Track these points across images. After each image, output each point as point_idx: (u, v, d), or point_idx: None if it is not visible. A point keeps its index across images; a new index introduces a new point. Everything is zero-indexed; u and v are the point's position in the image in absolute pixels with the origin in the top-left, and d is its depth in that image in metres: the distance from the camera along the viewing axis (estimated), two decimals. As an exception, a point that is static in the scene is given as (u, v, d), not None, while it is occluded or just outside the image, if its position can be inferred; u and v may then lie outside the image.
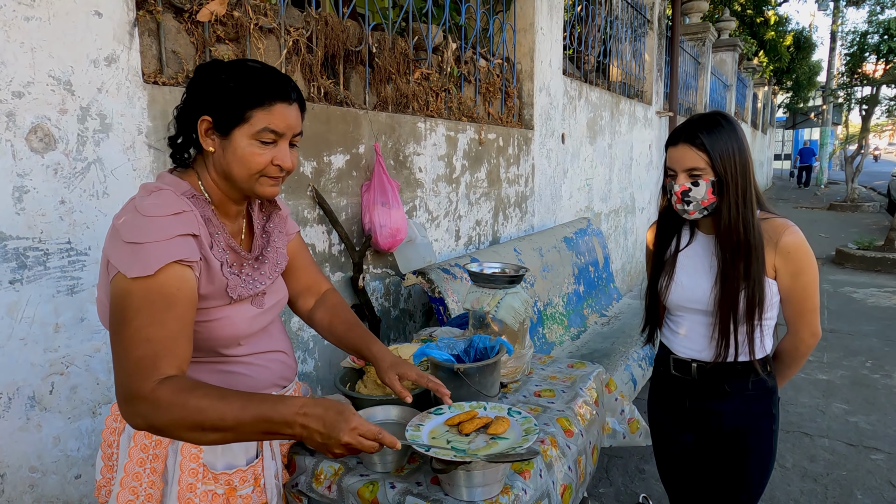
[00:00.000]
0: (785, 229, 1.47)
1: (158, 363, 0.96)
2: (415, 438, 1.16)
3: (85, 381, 1.60)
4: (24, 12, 1.40)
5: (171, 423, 0.94)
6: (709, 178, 1.44)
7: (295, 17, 2.25)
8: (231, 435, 0.96)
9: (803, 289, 1.49)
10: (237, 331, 1.16)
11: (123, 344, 0.97)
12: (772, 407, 1.58)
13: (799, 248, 1.46)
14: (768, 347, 1.57)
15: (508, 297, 1.69)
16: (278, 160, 1.11)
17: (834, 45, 18.46)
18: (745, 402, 1.56)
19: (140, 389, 0.94)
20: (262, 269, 1.22)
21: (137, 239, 1.00)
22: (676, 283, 1.59)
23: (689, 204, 1.47)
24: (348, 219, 2.44)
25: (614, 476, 2.83)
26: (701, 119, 1.46)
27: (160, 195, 1.06)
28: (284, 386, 1.30)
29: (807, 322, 1.53)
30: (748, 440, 1.57)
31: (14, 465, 1.47)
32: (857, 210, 13.66)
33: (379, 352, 1.36)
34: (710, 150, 1.42)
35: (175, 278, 1.01)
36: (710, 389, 1.60)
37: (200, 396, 0.94)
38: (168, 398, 0.93)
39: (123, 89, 1.61)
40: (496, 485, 1.17)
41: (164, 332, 0.98)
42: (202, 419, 0.93)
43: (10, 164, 1.41)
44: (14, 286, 1.44)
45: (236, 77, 1.08)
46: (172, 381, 0.96)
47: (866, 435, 3.22)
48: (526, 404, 1.60)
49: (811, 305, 1.51)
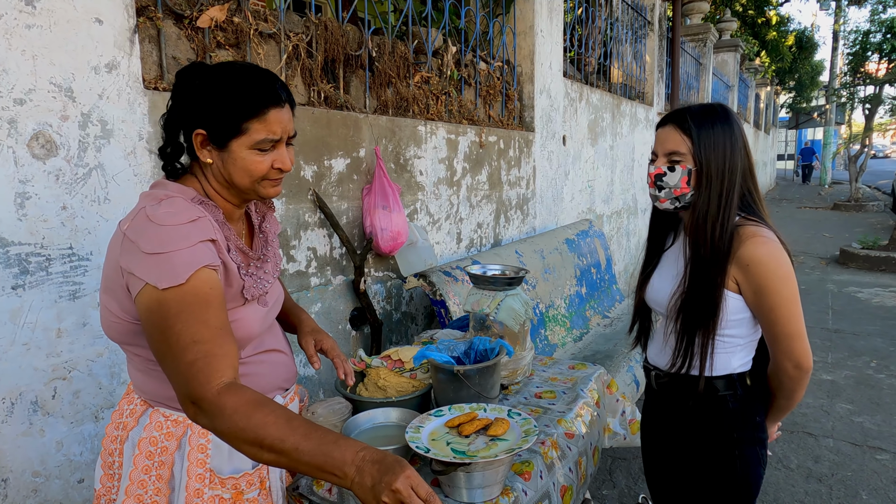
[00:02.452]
0: (749, 238, 1.29)
1: (214, 364, 0.95)
2: (415, 441, 1.16)
3: (87, 385, 1.60)
4: (25, 20, 1.41)
5: (233, 432, 0.92)
6: (686, 166, 1.32)
7: (295, 22, 2.26)
8: (286, 460, 0.92)
9: (770, 310, 1.29)
10: (251, 331, 1.17)
11: (173, 351, 0.96)
12: (735, 430, 1.39)
13: (759, 262, 1.27)
14: (734, 366, 1.39)
15: (508, 299, 1.69)
16: (278, 163, 1.12)
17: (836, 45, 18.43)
18: (700, 420, 1.42)
19: (204, 394, 0.93)
20: (265, 269, 1.22)
21: (160, 249, 0.98)
22: (650, 284, 1.51)
23: (660, 190, 1.36)
24: (349, 222, 2.45)
25: (617, 477, 2.83)
26: (698, 106, 1.37)
27: (172, 203, 1.05)
28: (287, 388, 1.30)
29: (783, 349, 1.32)
30: (705, 460, 1.43)
31: (17, 469, 1.48)
32: (862, 210, 13.61)
33: (304, 320, 1.44)
34: (695, 137, 1.31)
35: (205, 281, 1.00)
36: (667, 400, 1.49)
37: (266, 413, 0.92)
38: (233, 406, 0.92)
39: (124, 95, 1.63)
40: (496, 486, 1.17)
41: (209, 331, 0.97)
42: (263, 435, 0.91)
43: (13, 170, 1.42)
44: (16, 292, 1.45)
45: (224, 86, 1.06)
46: (239, 389, 0.94)
47: (871, 435, 3.21)
48: (527, 406, 1.60)
49: (785, 330, 1.30)
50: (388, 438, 1.32)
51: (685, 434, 1.46)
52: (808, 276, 7.18)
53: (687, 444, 1.46)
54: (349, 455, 0.89)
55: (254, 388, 1.18)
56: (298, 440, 0.90)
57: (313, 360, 1.36)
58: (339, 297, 2.43)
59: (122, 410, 1.18)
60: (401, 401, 1.45)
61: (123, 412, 1.17)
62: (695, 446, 1.44)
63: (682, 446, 1.47)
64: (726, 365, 1.38)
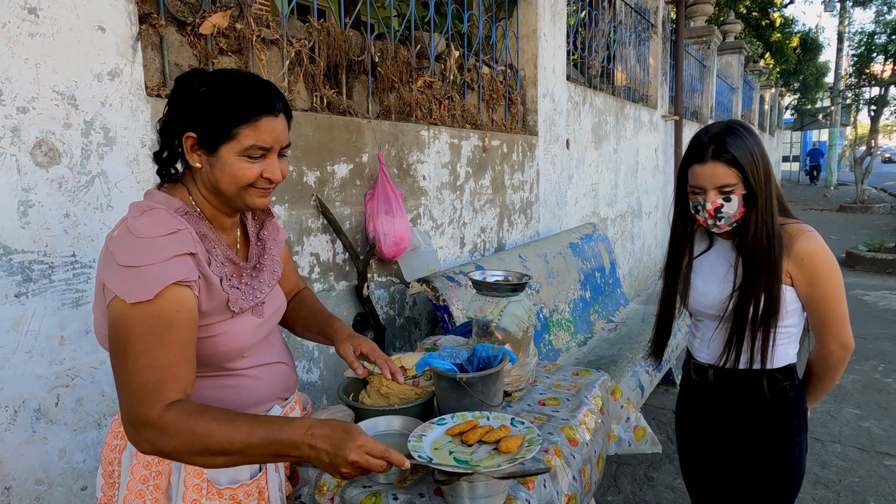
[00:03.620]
0: (798, 235, 1.43)
1: (162, 388, 0.95)
2: (417, 450, 1.16)
3: (90, 393, 1.60)
4: (28, 28, 1.42)
5: (179, 449, 0.93)
6: (740, 193, 1.42)
7: (297, 27, 2.26)
8: (239, 458, 0.95)
9: (822, 297, 1.44)
10: (240, 343, 1.15)
11: (126, 370, 0.96)
12: (794, 418, 1.53)
13: (814, 255, 1.42)
14: (791, 356, 1.53)
15: (512, 305, 1.68)
16: (268, 173, 1.10)
17: (841, 46, 18.37)
18: (764, 412, 1.53)
19: (146, 416, 0.93)
20: (260, 278, 1.21)
21: (133, 262, 0.98)
22: (692, 288, 1.59)
23: (720, 220, 1.45)
24: (352, 228, 2.44)
25: (622, 484, 2.81)
26: (723, 132, 1.43)
27: (153, 214, 1.04)
28: (286, 398, 1.29)
29: (832, 332, 1.46)
30: (766, 450, 1.53)
31: (20, 477, 1.48)
32: (868, 211, 13.55)
33: (339, 328, 1.41)
34: (743, 165, 1.39)
35: (174, 301, 0.99)
36: (727, 396, 1.58)
37: (208, 420, 0.93)
38: (175, 424, 0.92)
39: (127, 103, 1.63)
40: (499, 496, 1.16)
41: (167, 357, 0.97)
42: (210, 443, 0.92)
43: (15, 178, 1.42)
44: (19, 299, 1.45)
45: (219, 91, 1.05)
46: (178, 405, 0.95)
47: (879, 440, 3.18)
48: (530, 413, 1.59)
49: (835, 315, 1.45)
50: (391, 447, 1.31)
51: (744, 427, 1.55)
52: (814, 278, 7.13)
53: (746, 436, 1.55)
54: (297, 436, 0.94)
55: (250, 399, 1.18)
56: (245, 437, 0.93)
57: (355, 366, 1.36)
58: (342, 302, 2.42)
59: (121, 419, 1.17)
60: (403, 409, 1.44)
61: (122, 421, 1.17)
62: (755, 438, 1.54)
63: (739, 440, 1.56)
64: (786, 356, 1.52)
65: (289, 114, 1.14)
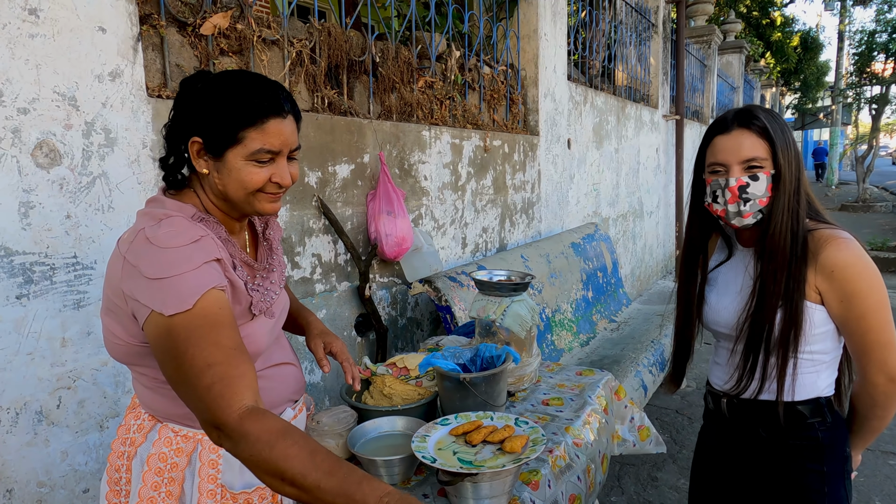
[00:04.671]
0: (828, 242, 1.18)
1: (232, 387, 0.90)
2: (420, 450, 1.15)
3: (92, 395, 1.60)
4: (28, 30, 1.41)
5: (255, 461, 0.88)
6: (769, 172, 1.19)
7: (298, 28, 2.26)
8: (306, 497, 0.87)
9: (861, 318, 1.17)
10: (259, 346, 1.13)
11: (188, 377, 0.92)
12: (825, 464, 1.26)
13: (846, 267, 1.16)
14: (821, 388, 1.26)
15: (514, 305, 1.67)
16: (276, 178, 1.06)
17: (842, 45, 18.34)
18: (787, 452, 1.28)
19: (226, 420, 0.88)
20: (271, 279, 1.19)
21: (164, 274, 0.95)
22: (707, 304, 1.38)
23: (746, 203, 1.20)
24: (354, 228, 2.44)
25: (626, 484, 2.80)
26: (750, 106, 1.24)
27: (172, 223, 1.01)
28: (296, 400, 1.28)
29: (876, 361, 1.18)
30: (788, 499, 1.28)
31: (22, 480, 1.47)
32: (870, 210, 13.53)
33: (313, 322, 1.42)
34: (773, 137, 1.18)
35: (213, 302, 0.96)
36: (742, 430, 1.34)
37: (290, 444, 0.87)
38: (256, 434, 0.87)
39: (128, 104, 1.62)
40: (503, 496, 1.15)
41: (223, 353, 0.93)
42: (284, 468, 0.86)
43: (16, 179, 1.42)
44: (21, 301, 1.45)
45: (224, 93, 1.02)
46: (262, 416, 0.90)
47: (884, 440, 3.17)
48: (534, 413, 1.58)
49: (879, 339, 1.17)
50: (394, 448, 1.30)
51: (761, 467, 1.31)
52: (816, 278, 7.12)
53: (763, 479, 1.31)
54: (372, 499, 0.84)
55: (265, 403, 1.16)
56: (321, 477, 0.85)
57: (323, 363, 1.34)
58: (344, 303, 2.42)
59: (129, 426, 1.15)
60: (406, 409, 1.44)
61: (130, 427, 1.15)
62: (774, 482, 1.29)
63: (756, 482, 1.32)
64: (813, 387, 1.25)
65: (298, 115, 1.10)
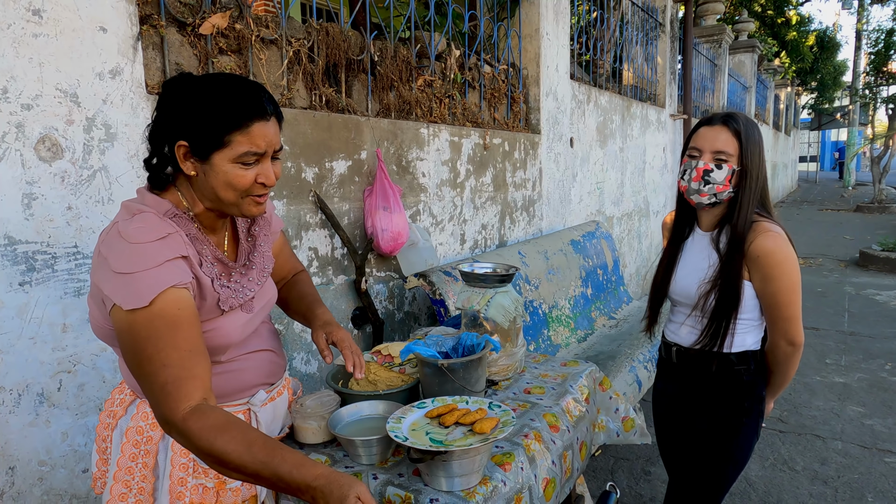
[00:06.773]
0: (760, 233, 1.48)
1: (182, 387, 0.98)
2: (395, 430, 1.20)
3: (92, 378, 1.67)
4: (32, 29, 1.49)
5: (200, 454, 0.98)
6: (732, 166, 1.49)
7: (296, 27, 2.32)
8: (252, 481, 0.98)
9: (772, 296, 1.50)
10: (230, 339, 1.19)
11: (145, 373, 1.00)
12: (745, 401, 1.61)
13: (768, 255, 1.47)
14: (749, 343, 1.60)
15: (499, 296, 1.72)
16: (262, 178, 1.10)
17: (859, 44, 18.10)
18: (723, 391, 1.62)
19: (172, 417, 0.97)
20: (249, 276, 1.23)
21: (127, 269, 1.00)
22: (674, 276, 1.68)
23: (706, 185, 1.50)
24: (350, 223, 2.50)
25: (619, 478, 2.83)
26: (738, 114, 1.54)
27: (143, 219, 1.05)
28: (273, 383, 1.34)
29: (779, 329, 1.54)
30: (715, 428, 1.63)
31: (24, 459, 1.55)
32: (885, 211, 13.34)
33: (319, 314, 1.44)
34: (743, 140, 1.48)
35: (172, 302, 1.01)
36: (686, 374, 1.70)
37: (227, 441, 0.95)
38: (197, 433, 0.96)
39: (128, 100, 1.69)
40: (474, 475, 1.20)
41: (178, 354, 1.00)
42: (226, 461, 0.96)
43: (20, 172, 1.49)
44: (24, 288, 1.52)
45: (209, 97, 1.05)
46: (203, 413, 0.97)
47: (881, 438, 3.16)
48: (515, 401, 1.62)
49: (784, 314, 1.51)
50: (374, 430, 1.36)
51: (701, 402, 1.66)
52: (825, 278, 7.07)
53: (701, 410, 1.66)
54: (303, 484, 0.94)
55: (235, 385, 1.22)
56: (257, 468, 0.95)
57: (325, 353, 1.38)
58: (340, 296, 2.48)
59: (114, 399, 1.23)
60: (388, 394, 1.49)
61: (115, 401, 1.23)
62: (708, 413, 1.64)
63: (696, 413, 1.67)
64: (742, 343, 1.59)
65: (280, 116, 1.14)
